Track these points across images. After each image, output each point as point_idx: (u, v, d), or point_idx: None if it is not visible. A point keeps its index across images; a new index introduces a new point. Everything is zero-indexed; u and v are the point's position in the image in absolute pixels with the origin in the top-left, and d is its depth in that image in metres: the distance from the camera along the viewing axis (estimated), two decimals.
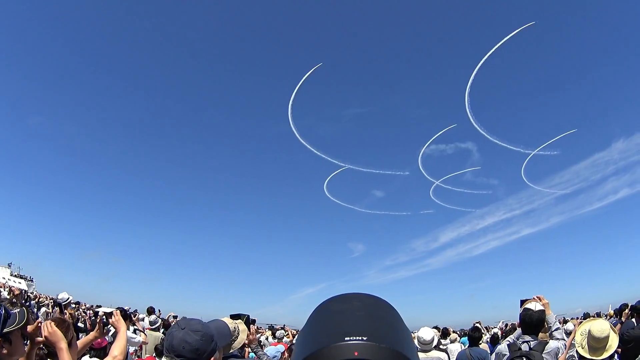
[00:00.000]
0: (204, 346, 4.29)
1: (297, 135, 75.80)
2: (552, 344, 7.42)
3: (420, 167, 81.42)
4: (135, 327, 17.20)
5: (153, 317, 21.54)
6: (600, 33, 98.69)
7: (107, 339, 9.53)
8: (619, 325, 12.61)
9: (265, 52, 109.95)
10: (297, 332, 31.37)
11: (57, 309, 21.90)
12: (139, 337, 15.86)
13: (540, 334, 8.14)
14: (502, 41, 63.48)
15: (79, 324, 21.93)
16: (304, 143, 76.96)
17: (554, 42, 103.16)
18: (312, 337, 1.35)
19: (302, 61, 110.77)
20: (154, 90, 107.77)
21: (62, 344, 5.47)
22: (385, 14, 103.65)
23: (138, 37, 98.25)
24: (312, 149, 77.97)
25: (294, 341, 19.15)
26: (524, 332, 7.71)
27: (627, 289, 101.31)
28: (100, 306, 31.22)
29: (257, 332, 8.55)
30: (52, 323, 5.61)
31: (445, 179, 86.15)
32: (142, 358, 15.60)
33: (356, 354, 1.20)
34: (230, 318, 7.83)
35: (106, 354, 6.46)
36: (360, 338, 1.23)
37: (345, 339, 1.23)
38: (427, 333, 10.92)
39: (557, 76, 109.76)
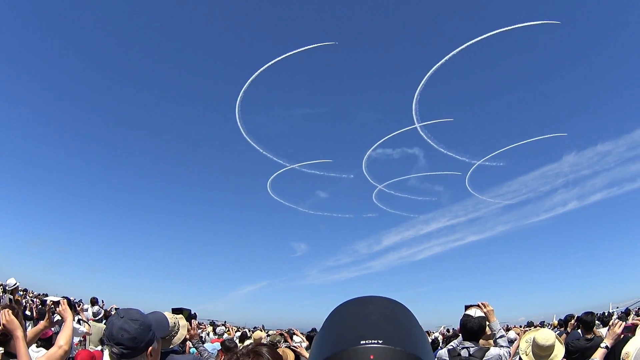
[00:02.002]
0: (142, 335, 4.28)
1: (243, 132, 75.32)
2: (492, 351, 7.39)
3: (364, 170, 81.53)
4: (80, 317, 16.86)
5: (96, 307, 21.32)
6: (553, 44, 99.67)
7: (54, 329, 9.27)
8: (564, 336, 12.75)
9: (215, 45, 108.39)
10: (237, 329, 31.18)
11: (7, 295, 21.52)
12: (83, 328, 15.57)
13: (483, 341, 8.10)
14: (455, 51, 63.80)
15: (27, 312, 21.60)
16: (250, 141, 76.53)
17: (507, 53, 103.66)
18: (327, 340, 1.31)
19: (253, 57, 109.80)
20: (97, 74, 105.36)
21: (19, 332, 5.48)
22: (339, 16, 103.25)
23: (79, 20, 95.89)
24: (257, 147, 77.67)
25: (234, 338, 19.02)
26: (464, 339, 7.68)
27: (570, 300, 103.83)
28: (47, 295, 30.65)
29: (198, 327, 8.34)
30: (9, 311, 5.58)
31: (389, 184, 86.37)
32: (85, 349, 15.24)
33: (372, 357, 1.17)
34: (172, 312, 7.72)
35: (52, 344, 6.26)
36: (376, 341, 1.20)
37: (361, 342, 1.20)
38: None
39: (509, 88, 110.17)
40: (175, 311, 7.85)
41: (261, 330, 27.44)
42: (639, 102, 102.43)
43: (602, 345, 7.05)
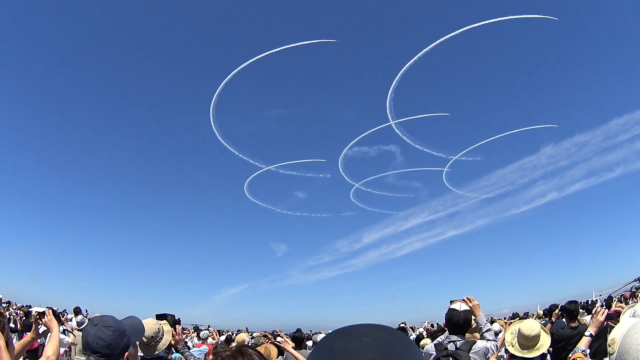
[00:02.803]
0: (117, 341, 4.28)
1: (218, 135, 74.90)
2: (479, 344, 7.41)
3: (341, 169, 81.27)
4: (65, 327, 16.73)
5: (80, 317, 21.19)
6: (527, 38, 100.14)
7: (40, 340, 9.20)
8: (549, 325, 12.81)
9: (188, 48, 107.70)
10: (221, 332, 31.03)
11: None
12: (68, 338, 15.45)
13: (469, 335, 8.13)
14: (427, 48, 63.70)
15: (11, 324, 21.39)
16: (225, 144, 76.14)
17: (482, 48, 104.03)
18: None
19: (226, 60, 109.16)
20: (69, 79, 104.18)
21: (0, 342, 5.27)
22: (311, 17, 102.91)
23: (51, 21, 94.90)
24: (233, 150, 77.25)
25: (219, 342, 18.93)
26: (451, 333, 7.67)
27: (553, 290, 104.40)
28: (30, 306, 30.37)
29: (182, 332, 8.28)
30: None
31: (367, 182, 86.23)
32: (71, 359, 15.18)
33: None
34: (156, 318, 7.63)
35: (38, 356, 6.22)
36: None
37: None
38: None
39: (484, 83, 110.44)
40: (159, 317, 7.78)
41: (245, 333, 27.44)
42: (614, 93, 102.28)
43: (587, 333, 7.08)
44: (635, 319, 3.77)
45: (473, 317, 7.64)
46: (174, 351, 9.08)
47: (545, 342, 8.22)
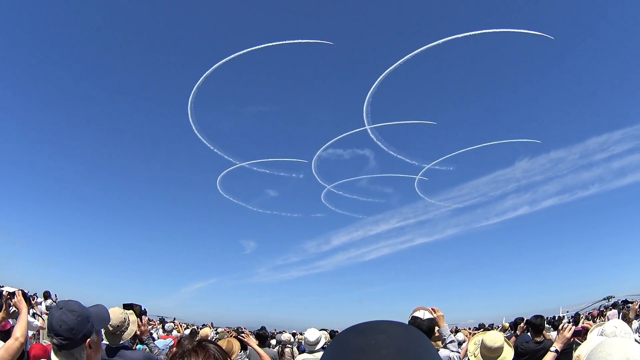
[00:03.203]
0: (79, 326, 4.29)
1: (194, 128, 74.45)
2: (442, 353, 7.48)
3: (313, 170, 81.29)
4: (34, 311, 16.60)
5: (49, 301, 21.14)
6: (508, 52, 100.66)
7: (11, 321, 9.12)
8: (513, 338, 12.91)
9: (169, 40, 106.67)
10: (187, 326, 30.93)
11: None
12: (37, 322, 15.32)
13: (432, 343, 8.15)
14: (408, 55, 63.84)
15: None
16: (201, 137, 75.71)
17: (461, 58, 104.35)
18: None
19: (210, 51, 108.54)
20: (45, 65, 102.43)
21: None
22: (292, 16, 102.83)
23: (27, 14, 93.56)
24: (208, 144, 76.81)
25: (183, 335, 18.84)
26: None
27: (520, 304, 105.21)
28: (2, 286, 30.11)
29: (148, 323, 8.26)
30: None
31: (339, 184, 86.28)
32: (39, 342, 15.03)
33: None
34: (123, 307, 7.59)
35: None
36: None
37: None
38: (312, 334, 10.85)
39: (463, 94, 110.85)
40: (127, 306, 7.74)
41: (210, 328, 27.33)
42: (593, 111, 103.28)
43: (552, 349, 7.16)
44: (602, 338, 3.83)
45: (437, 328, 7.65)
46: (139, 342, 9.02)
47: (508, 355, 8.32)
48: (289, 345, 19.14)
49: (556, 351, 7.09)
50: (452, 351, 7.54)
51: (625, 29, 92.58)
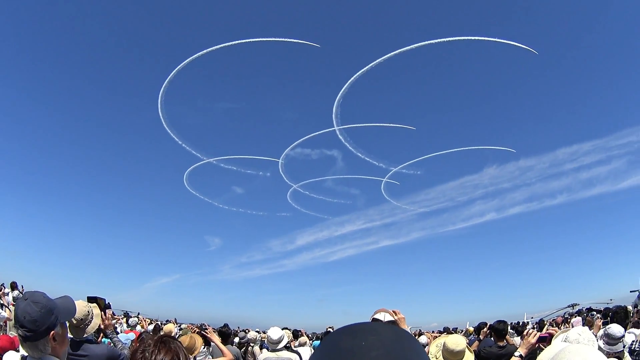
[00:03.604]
0: (43, 318, 4.25)
1: (164, 122, 73.86)
2: None
3: (280, 169, 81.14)
4: (1, 301, 16.44)
5: (16, 292, 20.88)
6: (480, 60, 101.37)
7: None
8: (476, 343, 13.01)
9: (142, 32, 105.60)
10: (150, 321, 30.76)
11: None
12: (4, 313, 15.19)
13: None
14: (381, 59, 63.91)
15: None
16: (169, 131, 75.14)
17: (433, 63, 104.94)
18: None
19: (181, 46, 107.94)
20: (12, 53, 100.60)
21: None
22: (264, 14, 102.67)
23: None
24: (176, 139, 76.25)
25: (146, 331, 18.77)
26: None
27: (484, 309, 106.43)
28: None
29: (113, 317, 8.20)
30: None
31: (305, 184, 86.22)
32: (7, 334, 14.88)
33: None
34: (88, 300, 7.55)
35: None
36: None
37: None
38: (275, 332, 10.91)
39: (433, 99, 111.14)
40: (91, 299, 7.70)
41: (173, 324, 27.20)
42: (564, 122, 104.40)
43: (516, 354, 7.26)
44: (566, 344, 3.89)
45: None
46: (104, 336, 8.97)
47: (469, 359, 8.38)
48: (252, 344, 19.13)
49: (520, 356, 7.18)
50: None
51: (600, 45, 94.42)
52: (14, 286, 21.87)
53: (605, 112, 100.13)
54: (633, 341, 8.49)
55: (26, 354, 4.29)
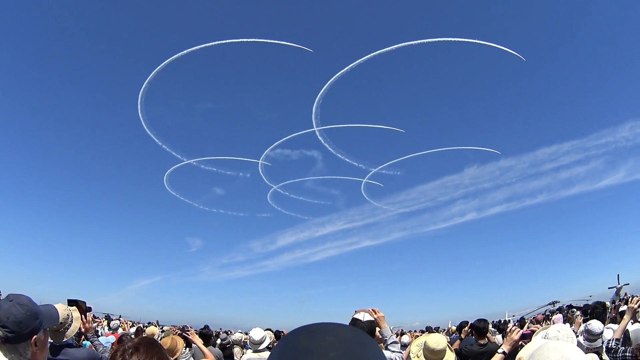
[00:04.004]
0: (27, 321, 4.23)
1: (144, 123, 73.56)
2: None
3: (260, 170, 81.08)
4: None
5: None
6: (461, 60, 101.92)
7: None
8: (458, 341, 13.12)
9: (121, 33, 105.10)
10: (132, 323, 30.60)
11: None
12: None
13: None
14: (360, 60, 64.05)
15: None
16: (149, 133, 74.83)
17: (413, 65, 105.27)
18: None
19: (161, 47, 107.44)
20: None
21: None
22: (244, 15, 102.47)
23: None
24: (156, 140, 75.98)
25: (129, 333, 18.65)
26: None
27: (466, 307, 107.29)
28: None
29: (94, 320, 8.16)
30: None
31: (285, 185, 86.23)
32: None
33: None
34: (68, 303, 7.51)
35: None
36: None
37: None
38: (257, 333, 11.05)
39: (414, 100, 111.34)
40: (71, 303, 7.68)
41: (155, 326, 27.09)
42: (543, 123, 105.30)
43: (500, 350, 7.32)
44: (545, 341, 3.93)
45: (378, 329, 7.69)
46: (85, 339, 8.92)
47: (449, 358, 8.42)
48: (235, 345, 19.09)
49: (504, 353, 7.24)
50: (394, 351, 7.57)
51: (578, 48, 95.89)
52: None
53: (584, 112, 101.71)
54: (609, 340, 8.58)
55: (5, 358, 4.23)
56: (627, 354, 8.08)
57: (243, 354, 16.35)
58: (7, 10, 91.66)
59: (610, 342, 8.43)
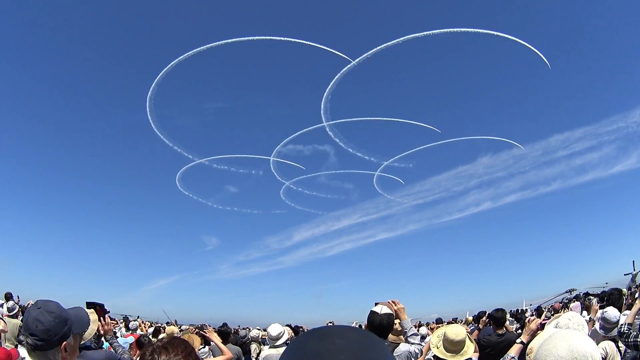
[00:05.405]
0: (56, 328, 4.22)
1: (153, 125, 73.31)
2: (402, 347, 7.63)
3: (272, 167, 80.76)
4: None
5: (11, 303, 20.62)
6: (475, 49, 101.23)
7: None
8: (476, 332, 13.13)
9: (127, 35, 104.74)
10: (151, 324, 30.82)
11: None
12: None
13: (394, 337, 8.29)
14: (367, 54, 63.70)
15: None
16: (159, 134, 74.58)
17: (423, 57, 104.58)
18: None
19: (167, 49, 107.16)
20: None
21: None
22: (251, 12, 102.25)
23: None
24: (166, 141, 75.67)
25: (147, 334, 18.83)
26: None
27: (483, 297, 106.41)
28: None
29: (111, 322, 8.26)
30: None
31: (298, 180, 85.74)
32: (1, 346, 14.87)
33: None
34: (86, 306, 7.60)
35: None
36: None
37: None
38: (275, 329, 11.13)
39: (423, 90, 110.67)
40: (90, 305, 7.76)
41: (174, 326, 27.25)
42: (555, 110, 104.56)
43: (518, 340, 7.33)
44: (556, 330, 3.98)
45: (398, 321, 7.73)
46: (104, 341, 9.03)
47: (469, 349, 8.48)
48: (253, 342, 19.19)
49: (522, 343, 7.26)
50: (413, 343, 7.64)
51: (590, 35, 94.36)
52: (8, 297, 21.58)
53: (595, 98, 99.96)
54: (621, 324, 8.56)
55: None
56: (639, 340, 8.08)
57: (261, 351, 16.50)
58: (7, 11, 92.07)
59: (623, 326, 8.42)
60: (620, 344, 8.82)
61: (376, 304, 7.64)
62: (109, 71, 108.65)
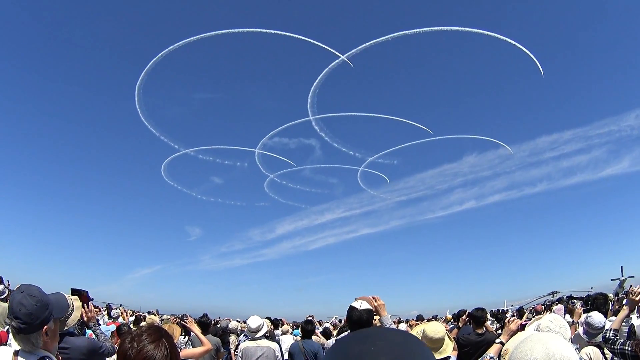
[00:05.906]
0: (38, 312, 4.35)
1: (141, 114, 72.91)
2: None
3: (256, 159, 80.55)
4: None
5: (1, 287, 20.54)
6: (464, 47, 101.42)
7: None
8: (455, 330, 13.24)
9: (118, 24, 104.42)
10: (132, 312, 30.79)
11: None
12: None
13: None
14: (357, 49, 63.67)
15: None
16: (146, 124, 74.19)
17: (412, 54, 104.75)
18: None
19: (157, 39, 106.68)
20: None
21: None
22: (242, 4, 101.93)
23: None
24: (153, 130, 75.30)
25: (128, 322, 18.87)
26: (352, 330, 7.64)
27: (464, 296, 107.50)
28: None
29: (94, 309, 8.29)
30: None
31: (283, 173, 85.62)
32: None
33: None
34: (71, 292, 7.61)
35: None
36: None
37: None
38: (254, 321, 11.27)
39: (410, 87, 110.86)
40: (74, 292, 7.77)
41: (155, 315, 27.23)
42: (544, 111, 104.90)
43: (497, 340, 7.40)
44: (533, 332, 4.04)
45: (377, 317, 7.77)
46: (87, 328, 9.05)
47: (448, 347, 8.55)
48: (232, 334, 19.24)
49: (501, 343, 7.33)
50: None
51: (581, 36, 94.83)
52: None
53: (586, 101, 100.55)
54: (607, 330, 8.59)
55: (18, 348, 4.37)
56: (627, 348, 8.06)
57: (239, 342, 16.53)
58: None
59: (609, 332, 8.41)
60: (605, 350, 8.87)
61: (356, 299, 7.70)
62: (99, 60, 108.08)
